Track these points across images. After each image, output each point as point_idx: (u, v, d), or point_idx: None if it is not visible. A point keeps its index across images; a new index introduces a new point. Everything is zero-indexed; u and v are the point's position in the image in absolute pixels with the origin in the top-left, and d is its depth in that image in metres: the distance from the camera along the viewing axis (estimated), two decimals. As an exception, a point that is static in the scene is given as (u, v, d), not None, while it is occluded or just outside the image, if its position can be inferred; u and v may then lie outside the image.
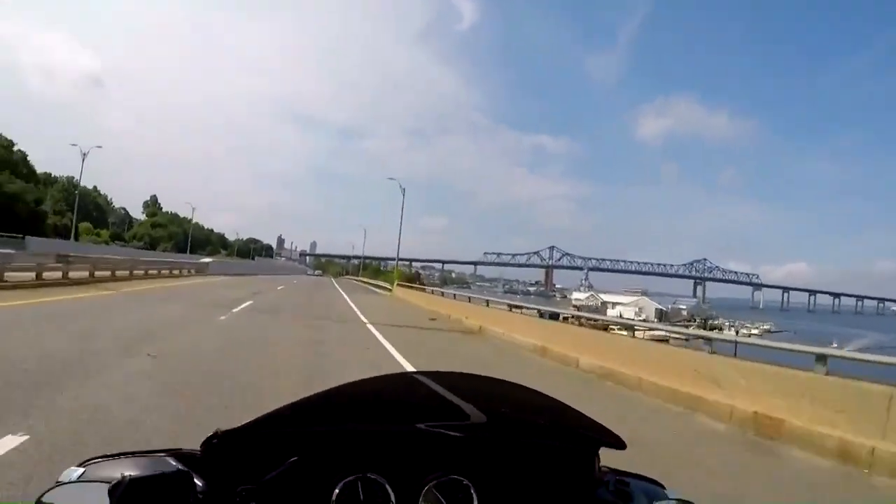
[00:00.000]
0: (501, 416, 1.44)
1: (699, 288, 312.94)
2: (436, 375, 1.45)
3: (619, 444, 1.43)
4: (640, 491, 1.49)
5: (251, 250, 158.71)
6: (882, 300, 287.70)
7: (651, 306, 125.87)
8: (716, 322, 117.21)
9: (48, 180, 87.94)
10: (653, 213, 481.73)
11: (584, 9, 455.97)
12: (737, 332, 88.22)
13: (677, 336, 22.30)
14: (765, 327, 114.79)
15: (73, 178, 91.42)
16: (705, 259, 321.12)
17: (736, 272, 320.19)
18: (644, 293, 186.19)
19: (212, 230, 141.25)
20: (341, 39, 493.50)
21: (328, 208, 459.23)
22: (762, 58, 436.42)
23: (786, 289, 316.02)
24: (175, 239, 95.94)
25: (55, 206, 74.03)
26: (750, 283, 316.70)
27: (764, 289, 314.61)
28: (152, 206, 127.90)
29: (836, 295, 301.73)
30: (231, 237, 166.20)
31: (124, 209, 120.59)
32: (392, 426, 1.38)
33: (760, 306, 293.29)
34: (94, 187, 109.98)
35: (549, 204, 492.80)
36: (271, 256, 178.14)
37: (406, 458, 1.33)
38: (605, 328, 22.32)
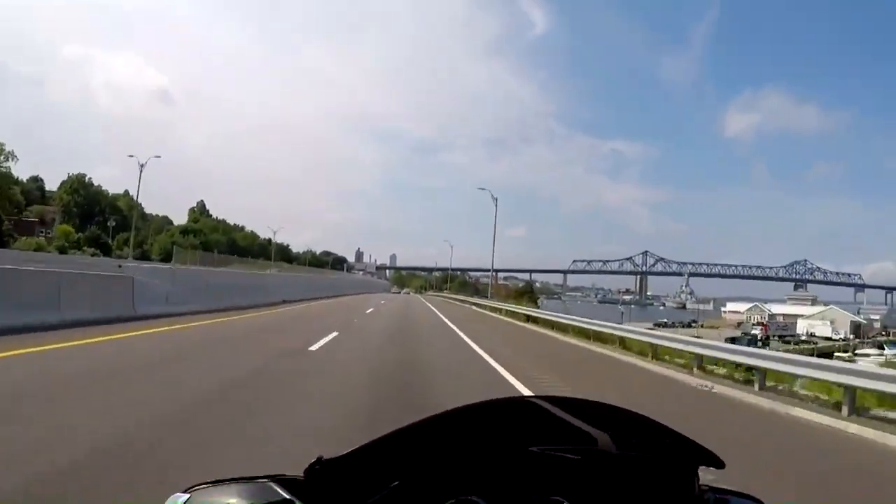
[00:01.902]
0: (614, 438, 1.37)
1: (799, 290, 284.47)
2: (554, 399, 1.37)
3: (718, 462, 1.40)
4: None
5: (326, 263, 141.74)
6: None
7: (845, 318, 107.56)
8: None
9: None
10: (744, 213, 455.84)
11: (655, 8, 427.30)
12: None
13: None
14: None
15: (84, 175, 79.50)
16: (805, 260, 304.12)
17: (837, 273, 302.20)
18: (814, 300, 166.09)
19: (269, 240, 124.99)
20: (416, 54, 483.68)
21: (408, 221, 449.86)
22: (854, 42, 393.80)
23: (890, 289, 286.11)
24: (217, 248, 77.19)
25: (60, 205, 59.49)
26: (852, 284, 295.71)
27: (867, 290, 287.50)
28: (198, 212, 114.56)
29: None
30: (309, 253, 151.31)
31: (166, 217, 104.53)
32: (497, 449, 1.32)
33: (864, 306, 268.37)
34: (126, 191, 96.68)
35: (633, 209, 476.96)
36: (347, 270, 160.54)
37: (509, 482, 1.30)
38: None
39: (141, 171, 61.12)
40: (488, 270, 64.52)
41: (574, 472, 1.31)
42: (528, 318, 33.20)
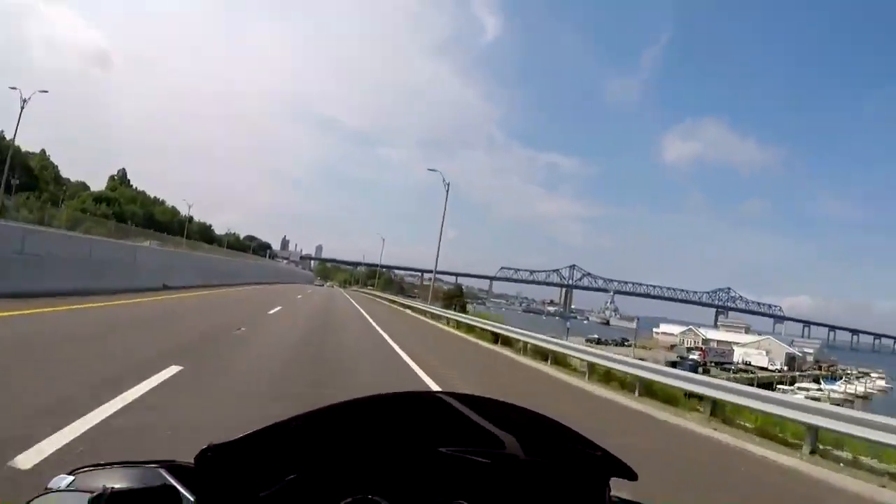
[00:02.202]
0: (524, 442, 1.37)
1: (721, 317, 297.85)
2: (462, 397, 1.35)
3: (630, 474, 1.40)
4: None
5: (248, 248, 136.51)
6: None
7: (780, 350, 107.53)
8: (842, 370, 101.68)
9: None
10: (673, 237, 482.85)
11: (608, 30, 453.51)
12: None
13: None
14: (874, 375, 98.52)
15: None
16: (729, 288, 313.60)
17: (758, 303, 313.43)
18: (747, 329, 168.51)
19: (190, 217, 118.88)
20: (363, 45, 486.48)
21: (337, 213, 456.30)
22: (795, 86, 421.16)
23: (807, 323, 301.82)
24: (134, 221, 71.40)
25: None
26: (772, 315, 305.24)
27: (786, 322, 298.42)
28: (118, 181, 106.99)
29: (855, 332, 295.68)
30: (231, 235, 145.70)
31: (84, 183, 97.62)
32: (404, 447, 1.29)
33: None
34: (42, 150, 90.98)
35: (564, 223, 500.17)
36: (271, 257, 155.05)
37: (415, 483, 1.27)
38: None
39: (22, 108, 52.09)
40: (416, 270, 60.63)
41: (482, 476, 1.30)
42: (468, 328, 29.90)
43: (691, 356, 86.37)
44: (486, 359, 20.02)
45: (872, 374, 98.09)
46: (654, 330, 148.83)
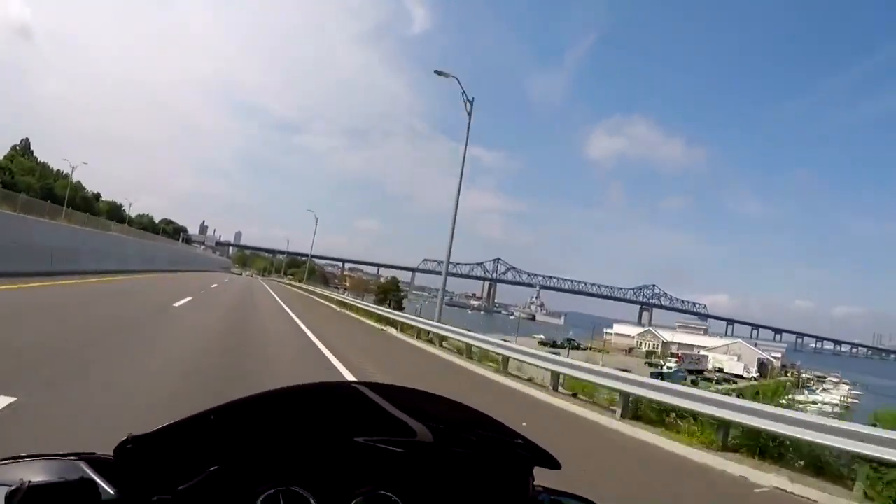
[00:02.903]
0: (438, 432, 1.37)
1: (645, 314, 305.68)
2: (377, 387, 1.34)
3: (554, 464, 1.42)
4: None
5: (163, 231, 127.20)
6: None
7: (751, 354, 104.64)
8: (807, 376, 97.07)
9: None
10: (597, 233, 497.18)
11: (537, 27, 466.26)
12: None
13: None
14: (834, 380, 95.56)
15: None
16: (654, 285, 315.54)
17: (683, 300, 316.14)
18: (706, 331, 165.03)
19: (97, 195, 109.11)
20: (288, 31, 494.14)
21: (258, 200, 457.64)
22: (719, 85, 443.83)
23: (731, 321, 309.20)
24: (29, 193, 61.26)
25: None
26: (696, 313, 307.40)
27: (710, 320, 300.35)
28: (20, 152, 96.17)
29: (778, 331, 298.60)
30: (146, 217, 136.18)
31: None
32: (322, 437, 1.31)
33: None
34: None
35: (487, 217, 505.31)
36: (186, 241, 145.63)
37: (334, 473, 1.30)
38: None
39: None
40: (336, 259, 55.73)
41: (400, 465, 1.32)
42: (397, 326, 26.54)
43: (669, 364, 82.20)
44: (431, 365, 17.38)
45: (831, 379, 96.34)
46: (607, 331, 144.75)
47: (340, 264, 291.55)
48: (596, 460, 8.65)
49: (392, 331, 25.04)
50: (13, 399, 5.52)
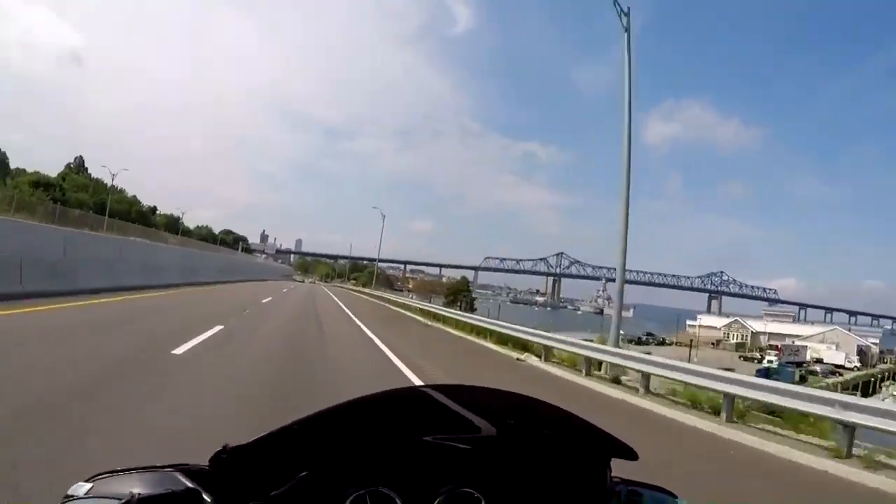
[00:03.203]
0: (511, 427, 1.42)
1: (714, 302, 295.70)
2: (445, 389, 1.40)
3: (631, 454, 1.44)
4: (653, 501, 1.54)
5: (223, 241, 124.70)
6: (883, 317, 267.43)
7: (850, 342, 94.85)
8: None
9: None
10: (658, 222, 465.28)
11: (580, 17, 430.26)
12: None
13: None
14: None
15: None
16: (721, 272, 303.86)
17: (752, 286, 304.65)
18: (795, 319, 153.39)
19: (153, 208, 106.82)
20: (333, 38, 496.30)
21: (315, 206, 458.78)
22: (776, 63, 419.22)
23: (803, 305, 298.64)
24: (85, 209, 58.21)
25: None
26: (766, 299, 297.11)
27: (779, 305, 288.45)
28: (74, 169, 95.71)
29: (853, 313, 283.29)
30: (204, 229, 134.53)
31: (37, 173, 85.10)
32: (400, 439, 1.38)
33: None
34: None
35: (542, 212, 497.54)
36: (245, 251, 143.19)
37: (417, 472, 1.35)
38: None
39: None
40: (397, 262, 52.58)
41: (474, 461, 1.37)
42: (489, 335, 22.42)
43: (769, 358, 75.15)
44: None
45: None
46: (690, 323, 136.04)
47: (402, 266, 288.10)
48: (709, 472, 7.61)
49: (534, 360, 17.98)
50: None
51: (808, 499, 7.14)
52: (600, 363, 15.69)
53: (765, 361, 69.94)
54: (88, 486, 1.16)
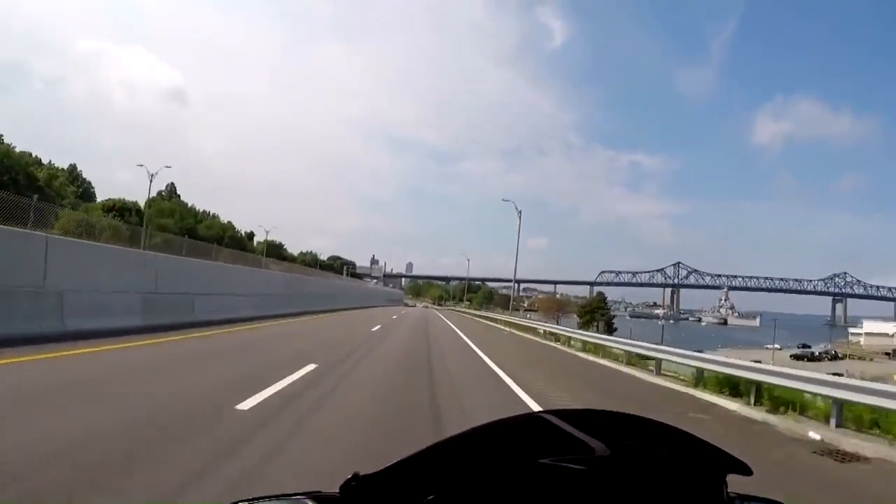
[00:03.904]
0: (626, 447, 1.42)
1: (839, 305, 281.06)
2: (561, 413, 1.47)
3: (745, 470, 1.42)
4: None
5: (330, 267, 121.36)
6: None
7: None
8: None
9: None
10: (774, 224, 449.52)
11: (674, 18, 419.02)
12: None
13: None
14: None
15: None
16: (845, 273, 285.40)
17: (878, 286, 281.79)
18: None
19: (250, 234, 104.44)
20: (432, 62, 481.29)
21: (423, 230, 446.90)
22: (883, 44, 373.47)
23: None
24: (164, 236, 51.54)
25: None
26: (894, 299, 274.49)
27: None
28: (167, 195, 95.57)
29: None
30: (309, 255, 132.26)
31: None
32: (518, 462, 1.38)
33: None
34: (49, 161, 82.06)
35: (653, 222, 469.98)
36: (350, 274, 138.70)
37: (534, 493, 1.35)
38: None
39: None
40: (508, 280, 48.91)
41: (586, 482, 1.36)
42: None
43: None
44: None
45: None
46: (853, 331, 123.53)
47: (516, 285, 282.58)
48: None
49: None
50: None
51: None
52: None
53: None
54: None
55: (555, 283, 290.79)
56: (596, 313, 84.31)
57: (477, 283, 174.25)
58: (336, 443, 6.86)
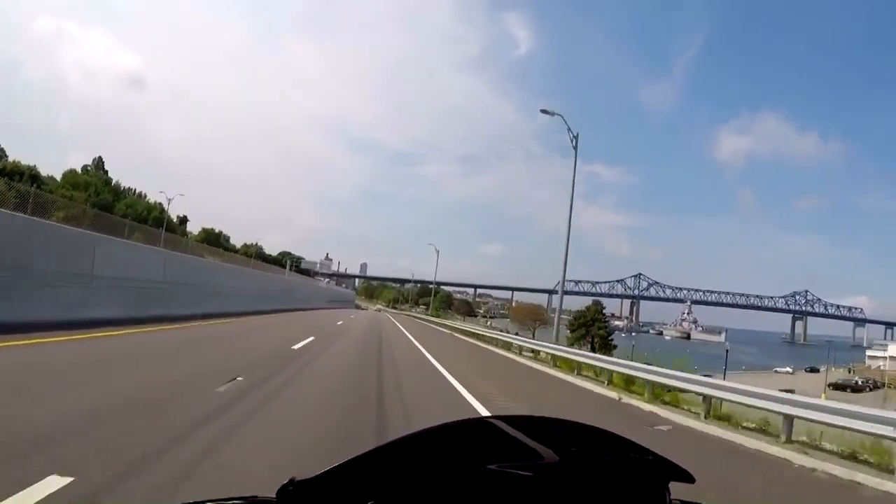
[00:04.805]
0: (572, 454, 1.43)
1: (798, 323, 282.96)
2: (509, 419, 1.48)
3: (688, 477, 1.47)
4: None
5: (277, 262, 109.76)
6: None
7: None
8: None
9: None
10: (733, 241, 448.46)
11: (642, 35, 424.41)
12: None
13: None
14: None
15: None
16: (806, 291, 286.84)
17: (838, 305, 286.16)
18: None
19: (185, 219, 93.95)
20: (398, 64, 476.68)
21: (380, 232, 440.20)
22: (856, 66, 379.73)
23: (890, 324, 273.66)
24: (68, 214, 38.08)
25: None
26: (853, 319, 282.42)
27: (868, 325, 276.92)
28: (92, 169, 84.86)
29: None
30: (251, 247, 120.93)
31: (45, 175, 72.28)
32: (465, 468, 1.37)
33: (864, 344, 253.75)
34: None
35: (610, 233, 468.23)
36: (303, 271, 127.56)
37: (480, 500, 1.35)
38: None
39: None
40: (465, 285, 44.22)
41: (533, 489, 1.35)
42: None
43: None
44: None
45: None
46: (869, 353, 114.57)
47: (472, 290, 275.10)
48: None
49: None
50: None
51: None
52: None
53: None
54: None
55: (512, 289, 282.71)
56: (592, 327, 74.48)
57: (431, 285, 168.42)
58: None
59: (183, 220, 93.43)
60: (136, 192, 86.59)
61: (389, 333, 34.99)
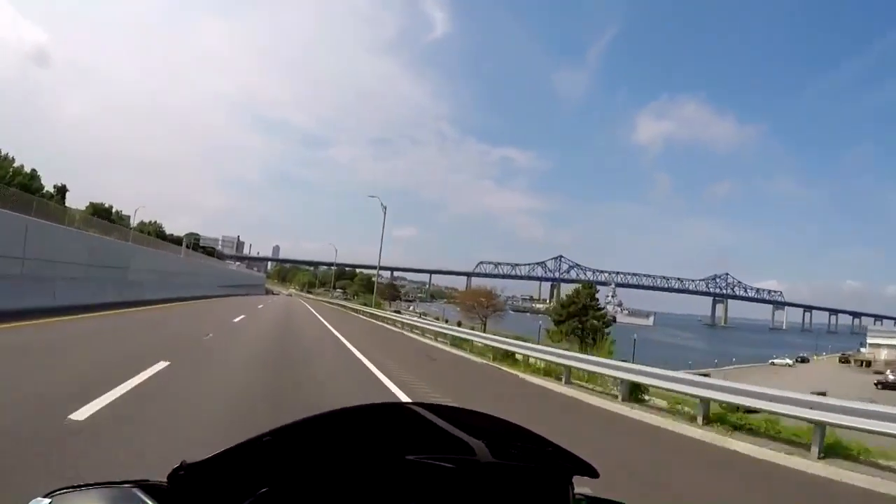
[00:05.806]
0: (487, 446, 1.42)
1: (719, 306, 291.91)
2: (426, 407, 1.42)
3: (592, 472, 1.47)
4: None
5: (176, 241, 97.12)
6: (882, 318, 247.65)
7: None
8: None
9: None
10: (649, 225, 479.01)
11: (556, 19, 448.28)
12: None
13: None
14: None
15: None
16: (727, 274, 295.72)
17: (757, 289, 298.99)
18: None
19: (62, 186, 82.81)
20: (309, 44, 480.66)
21: (290, 214, 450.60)
22: (775, 51, 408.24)
23: (808, 307, 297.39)
24: None
25: None
26: (772, 301, 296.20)
27: (787, 308, 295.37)
28: None
29: (855, 314, 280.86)
30: (151, 225, 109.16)
31: None
32: (372, 456, 1.33)
33: (783, 327, 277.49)
34: None
35: (524, 217, 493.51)
36: (204, 250, 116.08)
37: (385, 492, 1.32)
38: None
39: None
40: (383, 268, 51.31)
41: (450, 481, 1.34)
42: None
43: None
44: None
45: None
46: (871, 341, 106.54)
47: (388, 273, 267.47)
48: None
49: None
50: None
51: None
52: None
53: None
54: (47, 501, 1.15)
55: (429, 272, 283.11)
56: (586, 316, 58.80)
57: (347, 268, 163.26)
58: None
59: (61, 190, 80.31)
60: (5, 154, 73.81)
61: (306, 331, 25.55)
